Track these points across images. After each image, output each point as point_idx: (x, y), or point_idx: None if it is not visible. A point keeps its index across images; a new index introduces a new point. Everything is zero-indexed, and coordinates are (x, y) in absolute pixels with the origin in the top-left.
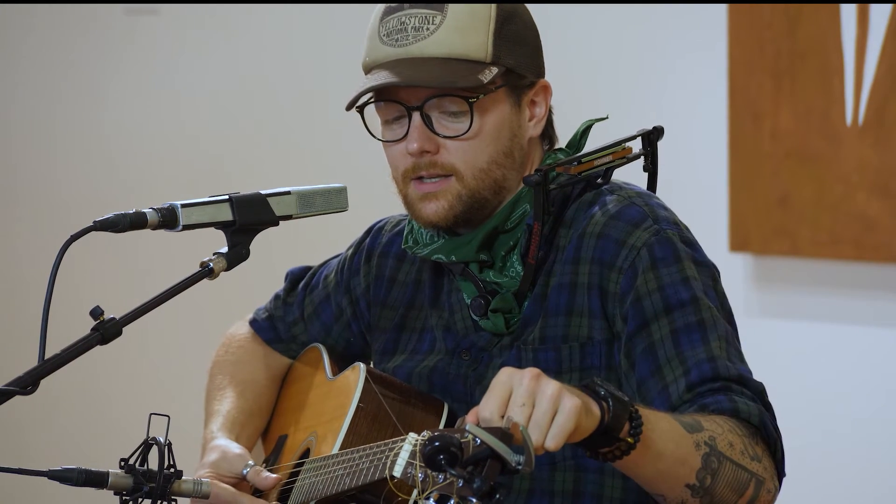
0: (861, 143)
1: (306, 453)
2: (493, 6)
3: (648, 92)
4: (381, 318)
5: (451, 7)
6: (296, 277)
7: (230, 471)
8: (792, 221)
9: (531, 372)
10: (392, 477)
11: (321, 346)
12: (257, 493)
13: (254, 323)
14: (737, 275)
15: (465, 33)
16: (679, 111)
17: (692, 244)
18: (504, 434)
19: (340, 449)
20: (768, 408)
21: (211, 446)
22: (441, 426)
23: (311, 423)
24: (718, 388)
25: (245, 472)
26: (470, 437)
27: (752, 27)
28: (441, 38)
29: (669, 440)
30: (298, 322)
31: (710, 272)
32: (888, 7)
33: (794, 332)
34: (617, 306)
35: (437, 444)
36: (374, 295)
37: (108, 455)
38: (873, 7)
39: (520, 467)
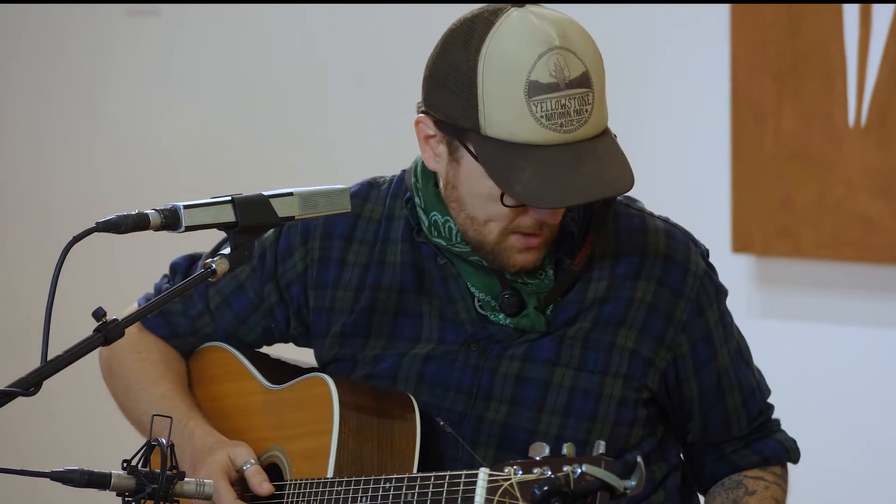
0: (863, 145)
1: (271, 469)
2: (602, 60)
3: (650, 93)
4: (336, 299)
5: (594, 80)
6: (186, 268)
7: (234, 462)
8: (794, 223)
9: None
10: None
11: (228, 347)
12: (245, 491)
13: (145, 321)
14: (739, 276)
15: (603, 104)
16: (681, 112)
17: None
18: (608, 463)
19: (335, 470)
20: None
21: (213, 441)
22: (417, 420)
23: (263, 437)
24: (764, 424)
25: (246, 467)
26: (569, 469)
27: (754, 28)
28: (596, 117)
29: None
30: (204, 314)
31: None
32: (890, 7)
33: (796, 333)
34: (681, 333)
35: (546, 487)
36: (317, 277)
37: (111, 456)
38: (876, 7)
39: (628, 492)
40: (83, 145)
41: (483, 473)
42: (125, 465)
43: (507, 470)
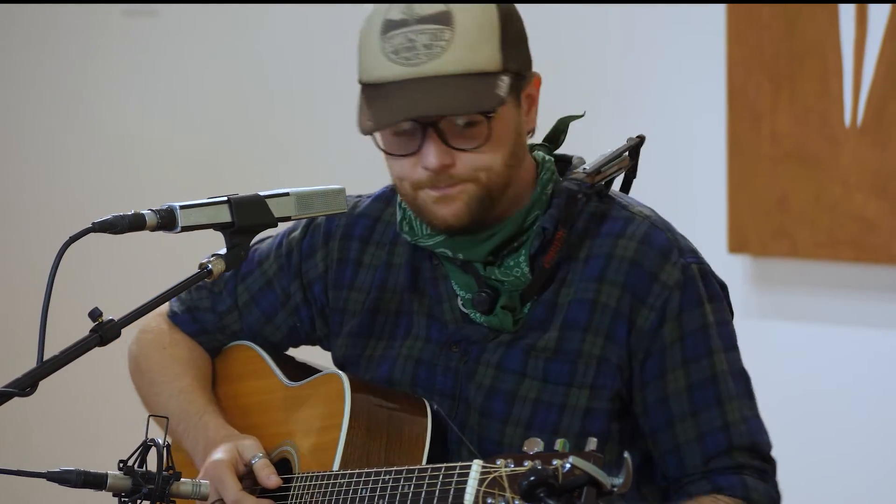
0: (860, 145)
1: (282, 464)
2: (494, 11)
3: (647, 93)
4: (349, 300)
5: (458, 21)
6: None
7: (242, 456)
8: (791, 223)
9: None
10: None
11: (253, 345)
12: (255, 485)
13: (174, 317)
14: (736, 276)
15: (475, 46)
16: (678, 112)
17: (708, 275)
18: (596, 459)
19: (341, 464)
20: (775, 469)
21: (225, 434)
22: (428, 426)
23: (278, 432)
24: (730, 465)
25: (254, 461)
26: (558, 463)
27: (750, 28)
28: (454, 55)
29: None
30: (232, 311)
31: (724, 304)
32: (887, 7)
33: (793, 334)
34: (642, 342)
35: (532, 478)
36: (336, 278)
37: (107, 457)
38: (872, 7)
39: (615, 489)
40: (80, 146)
41: (476, 465)
42: (122, 465)
43: (499, 462)
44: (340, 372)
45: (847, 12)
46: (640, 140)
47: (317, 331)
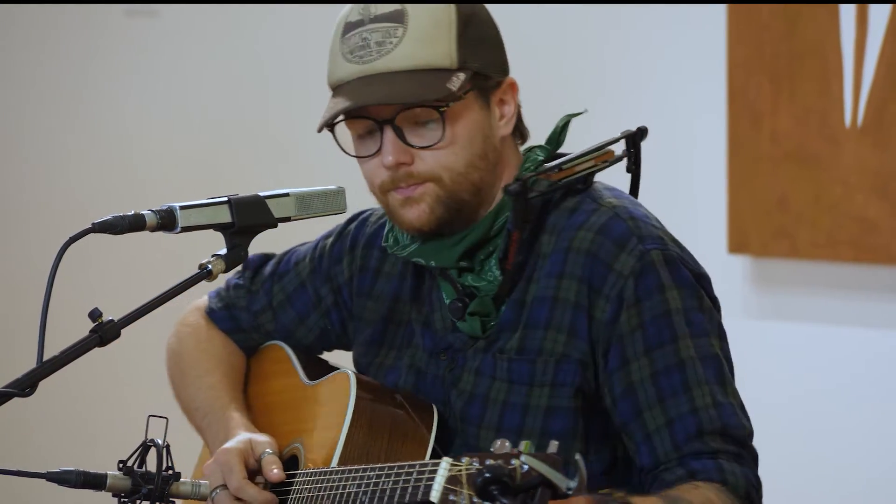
0: (860, 145)
1: (291, 461)
2: (453, 10)
3: (647, 93)
4: (367, 309)
5: (412, 18)
6: (257, 265)
7: (254, 450)
8: (791, 223)
9: None
10: (430, 503)
11: (284, 346)
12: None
13: (211, 313)
14: (735, 276)
15: (428, 43)
16: (678, 113)
17: (674, 261)
18: (554, 461)
19: (339, 461)
20: (753, 456)
21: (245, 430)
22: (433, 431)
23: (291, 429)
24: (704, 450)
25: (264, 455)
26: (517, 463)
27: (750, 28)
28: (405, 50)
29: None
30: (266, 310)
31: (696, 291)
32: (887, 7)
33: (793, 334)
34: (602, 334)
35: (487, 475)
36: (358, 285)
37: (107, 457)
38: (872, 7)
39: (570, 493)
40: (80, 146)
41: (444, 463)
42: (121, 465)
43: (464, 461)
44: (349, 370)
45: (847, 12)
46: (639, 132)
47: (348, 334)
